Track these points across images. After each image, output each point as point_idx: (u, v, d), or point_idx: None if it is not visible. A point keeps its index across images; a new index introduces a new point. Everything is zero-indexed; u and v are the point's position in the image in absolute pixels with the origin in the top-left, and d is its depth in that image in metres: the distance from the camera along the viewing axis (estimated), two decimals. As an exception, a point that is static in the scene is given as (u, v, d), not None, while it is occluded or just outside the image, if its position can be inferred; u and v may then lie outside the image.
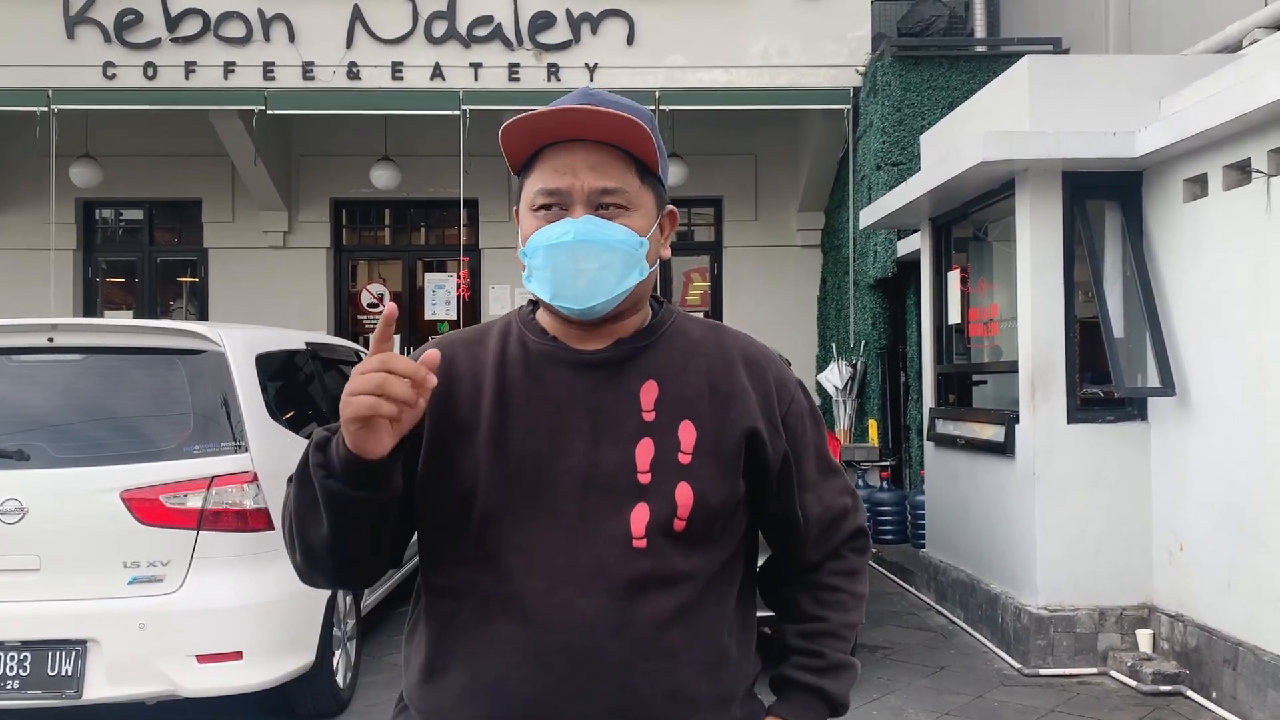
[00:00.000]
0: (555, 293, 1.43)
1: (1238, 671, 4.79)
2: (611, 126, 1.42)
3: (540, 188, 1.45)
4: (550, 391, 1.45)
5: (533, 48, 9.84)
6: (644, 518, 1.40)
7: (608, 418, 1.44)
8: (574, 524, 1.40)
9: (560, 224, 1.43)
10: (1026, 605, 5.69)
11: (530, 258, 1.46)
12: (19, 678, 3.95)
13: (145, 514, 4.04)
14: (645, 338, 1.50)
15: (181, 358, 4.39)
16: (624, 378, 1.46)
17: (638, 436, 1.43)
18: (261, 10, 9.73)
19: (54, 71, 9.58)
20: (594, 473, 1.41)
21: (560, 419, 1.44)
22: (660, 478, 1.42)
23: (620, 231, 1.43)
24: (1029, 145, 5.51)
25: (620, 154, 1.44)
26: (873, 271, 9.24)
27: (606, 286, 1.42)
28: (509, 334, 1.53)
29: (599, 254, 1.41)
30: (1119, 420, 5.67)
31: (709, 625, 1.45)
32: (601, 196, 1.43)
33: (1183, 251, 5.37)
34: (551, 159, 1.44)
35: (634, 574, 1.39)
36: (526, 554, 1.39)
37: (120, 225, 11.99)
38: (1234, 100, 4.63)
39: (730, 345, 1.54)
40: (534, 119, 1.41)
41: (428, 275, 11.68)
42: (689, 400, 1.46)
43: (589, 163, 1.43)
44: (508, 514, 1.41)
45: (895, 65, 8.95)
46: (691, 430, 1.45)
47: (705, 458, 1.44)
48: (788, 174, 11.26)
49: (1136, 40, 8.52)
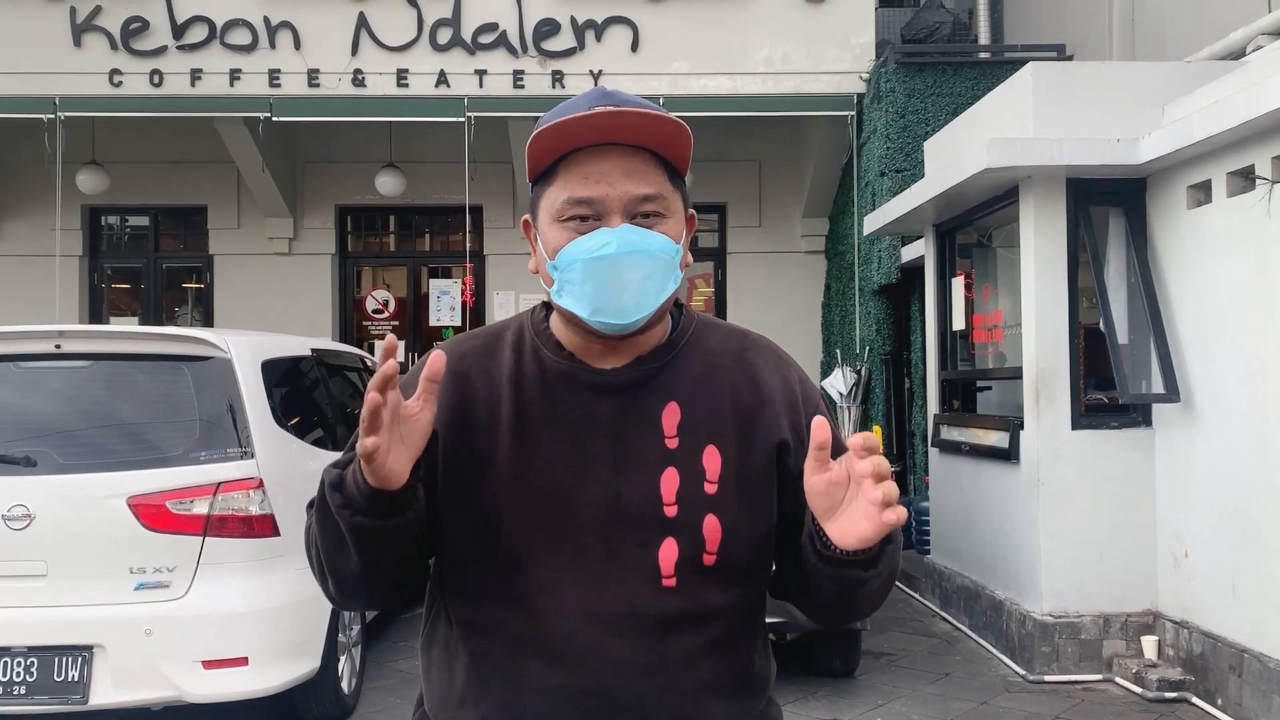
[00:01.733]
0: (596, 308, 1.34)
1: (1243, 678, 4.78)
2: (649, 129, 1.35)
3: (569, 196, 1.35)
4: (570, 415, 1.39)
5: (537, 55, 9.86)
6: (672, 555, 1.35)
7: (630, 445, 1.37)
8: (601, 560, 1.35)
9: (597, 234, 1.33)
10: (1031, 612, 5.68)
11: (564, 271, 1.35)
12: (25, 683, 3.96)
13: (151, 520, 4.05)
14: (665, 354, 1.43)
15: (187, 364, 4.40)
16: (645, 400, 1.40)
17: (662, 465, 1.37)
18: (267, 18, 9.77)
19: (60, 79, 9.62)
20: (618, 505, 1.36)
21: (582, 447, 1.37)
22: (687, 511, 1.36)
23: (660, 239, 1.35)
24: (1033, 152, 5.52)
25: (652, 158, 1.37)
26: (877, 277, 9.24)
27: (649, 298, 1.34)
28: (522, 346, 1.45)
29: (642, 264, 1.33)
30: (1123, 426, 5.67)
31: (741, 654, 1.42)
32: (640, 205, 1.35)
33: (1186, 258, 5.37)
34: (580, 165, 1.35)
35: (665, 613, 1.35)
36: (555, 594, 1.35)
37: (126, 231, 12.02)
38: (1238, 107, 4.63)
39: (751, 352, 1.48)
40: (567, 123, 1.32)
41: (432, 281, 11.69)
42: (712, 423, 1.40)
43: (623, 169, 1.35)
44: (533, 550, 1.36)
45: (899, 72, 8.97)
46: (716, 456, 1.39)
47: (732, 485, 1.38)
48: (792, 180, 11.27)
49: (1140, 47, 8.53)
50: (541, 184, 1.40)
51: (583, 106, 1.36)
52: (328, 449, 5.01)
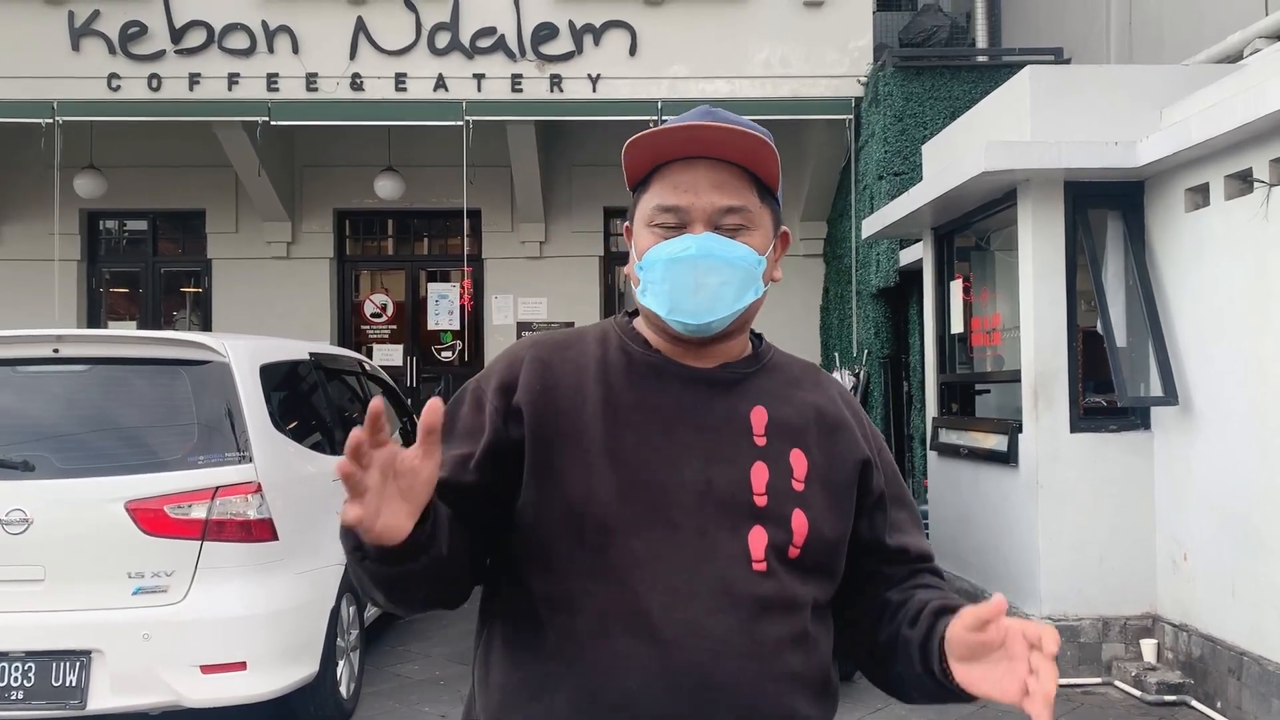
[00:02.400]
0: (673, 307, 1.41)
1: (1242, 681, 4.78)
2: (737, 144, 1.40)
3: (659, 203, 1.42)
4: (660, 403, 1.43)
5: (535, 59, 9.87)
6: (762, 540, 1.38)
7: (720, 437, 1.41)
8: (694, 540, 1.36)
9: (681, 239, 1.40)
10: (1030, 615, 5.68)
11: (647, 271, 1.43)
12: (23, 688, 3.95)
13: (149, 524, 4.05)
14: (751, 364, 1.50)
15: (186, 368, 4.40)
16: (733, 399, 1.45)
17: (751, 459, 1.41)
18: (265, 22, 9.77)
19: (59, 83, 9.62)
20: (710, 490, 1.38)
21: (672, 433, 1.41)
22: (776, 502, 1.40)
23: (740, 249, 1.41)
24: (1030, 155, 5.52)
25: (741, 172, 1.43)
26: (875, 281, 9.25)
27: (725, 303, 1.41)
28: (608, 341, 1.50)
29: (720, 270, 1.40)
30: (1122, 429, 5.67)
31: (821, 653, 1.44)
32: (724, 216, 1.41)
33: (1185, 261, 5.38)
34: (672, 176, 1.42)
35: (759, 595, 1.36)
36: (649, 568, 1.35)
37: (124, 236, 12.02)
38: (1235, 110, 4.63)
39: (827, 383, 1.56)
40: (659, 135, 1.40)
41: (430, 285, 11.69)
42: (798, 429, 1.45)
43: (711, 180, 1.41)
44: (626, 526, 1.36)
45: (897, 75, 8.98)
46: (803, 459, 1.43)
47: (817, 487, 1.43)
48: (790, 183, 11.23)
49: (1137, 50, 8.54)
50: (639, 191, 1.48)
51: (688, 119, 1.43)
52: (326, 453, 5.01)
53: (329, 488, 4.59)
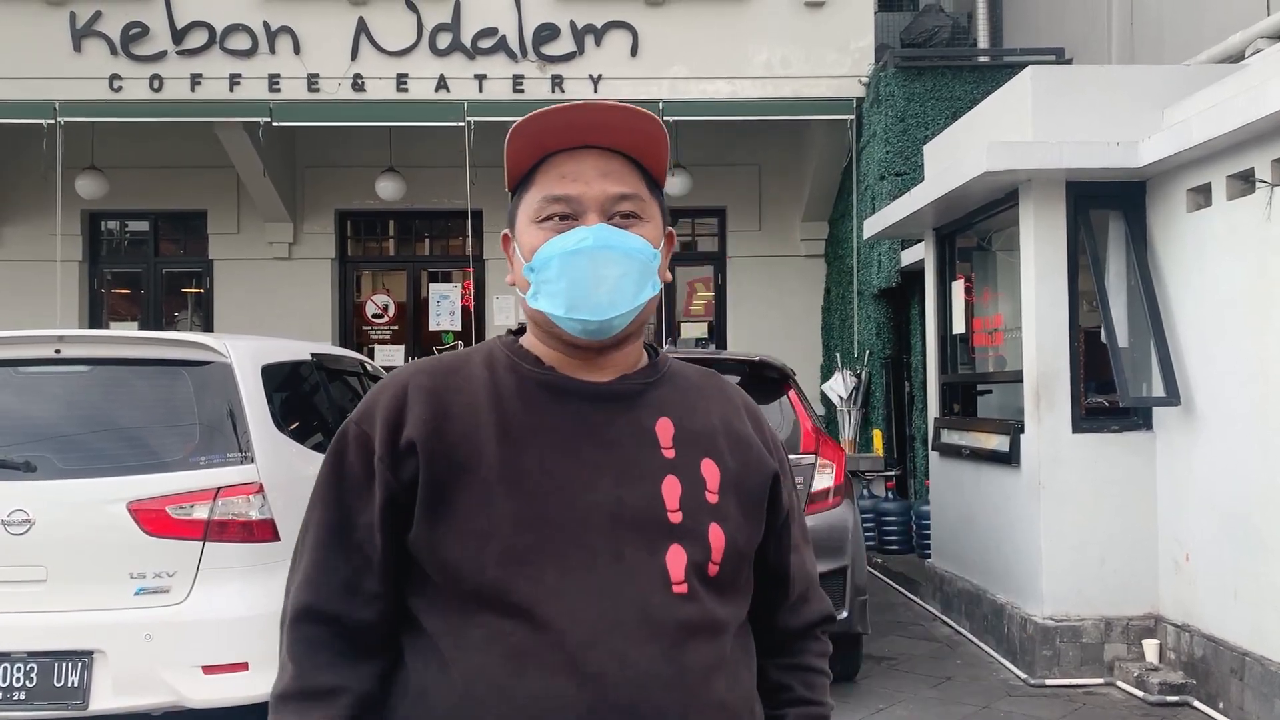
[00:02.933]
0: (572, 304, 1.31)
1: (1244, 681, 4.78)
2: (627, 126, 1.34)
3: (546, 194, 1.34)
4: (560, 423, 1.33)
5: (537, 59, 9.88)
6: (680, 560, 1.29)
7: (627, 452, 1.33)
8: (610, 565, 1.27)
9: (575, 231, 1.32)
10: (1032, 615, 5.68)
11: (540, 270, 1.33)
12: (25, 689, 3.95)
13: (151, 525, 4.04)
14: (650, 375, 1.41)
15: (187, 369, 4.39)
16: (637, 412, 1.36)
17: (662, 473, 1.32)
18: (267, 23, 9.78)
19: (60, 84, 9.63)
20: (622, 509, 1.29)
21: (577, 453, 1.31)
22: (691, 517, 1.31)
23: (637, 239, 1.34)
24: (1032, 155, 5.52)
25: (629, 162, 1.37)
26: (877, 281, 9.25)
27: (626, 296, 1.32)
28: (495, 362, 1.39)
29: (619, 261, 1.32)
30: (1124, 430, 5.66)
31: (745, 677, 1.37)
32: (617, 204, 1.34)
33: (1186, 261, 5.38)
34: (557, 167, 1.35)
35: (681, 619, 1.28)
36: (563, 600, 1.25)
37: (126, 237, 12.03)
38: (1237, 110, 4.63)
39: (732, 393, 1.48)
40: (542, 118, 1.32)
41: (432, 286, 11.70)
42: (707, 438, 1.38)
43: (599, 169, 1.35)
44: (534, 556, 1.27)
45: (898, 75, 8.98)
46: (715, 469, 1.36)
47: (731, 497, 1.36)
48: (791, 184, 11.28)
49: (1139, 50, 8.54)
50: (520, 191, 1.40)
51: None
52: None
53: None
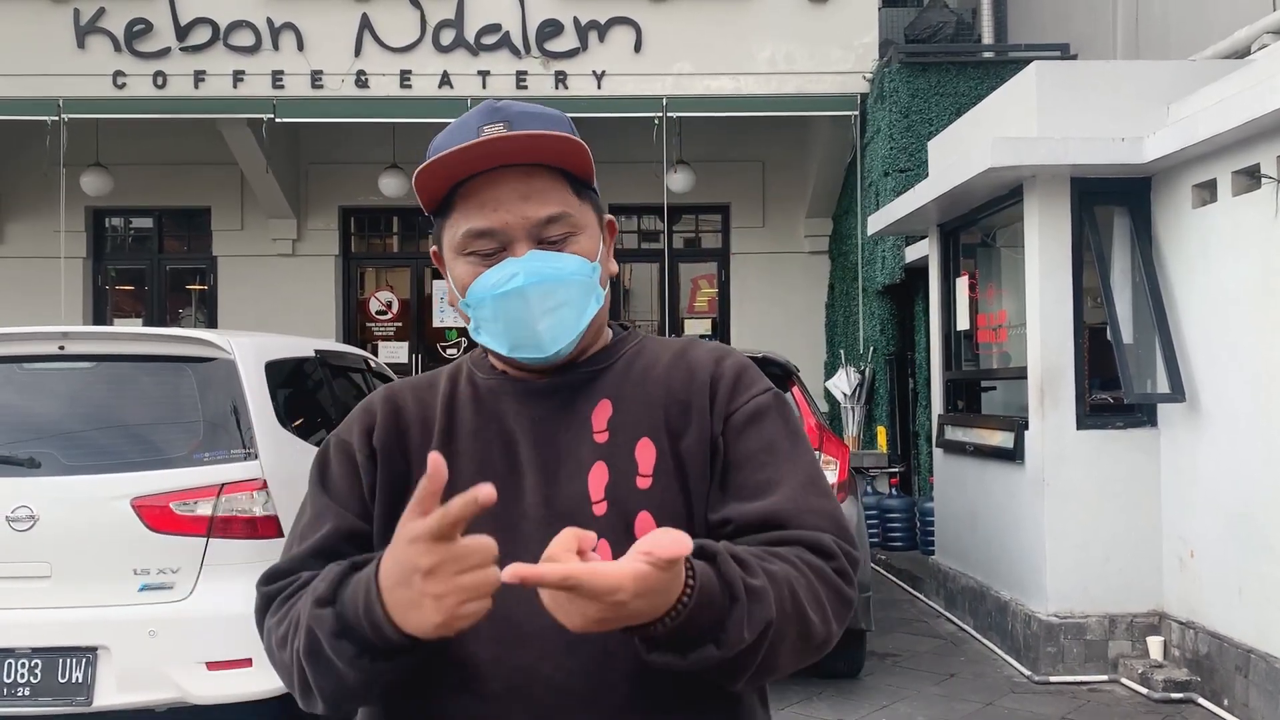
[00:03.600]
0: (514, 344, 1.27)
1: (1249, 679, 4.77)
2: (539, 147, 1.25)
3: (468, 229, 1.26)
4: (499, 427, 1.30)
5: (540, 55, 9.87)
6: (605, 557, 1.15)
7: (560, 448, 1.27)
8: None
9: (503, 266, 1.25)
10: (1036, 612, 5.67)
11: (476, 309, 1.28)
12: (29, 685, 3.95)
13: (155, 521, 4.04)
14: (601, 360, 1.34)
15: (191, 365, 4.39)
16: (576, 402, 1.31)
17: (590, 462, 1.26)
18: (270, 19, 9.78)
19: (64, 81, 9.64)
20: (548, 512, 1.24)
21: (511, 455, 1.28)
22: (616, 508, 1.24)
23: (572, 262, 1.27)
24: (1037, 151, 5.51)
25: (552, 173, 1.28)
26: (881, 278, 9.24)
27: (568, 326, 1.27)
28: (458, 375, 1.38)
29: (554, 291, 1.25)
30: (1128, 426, 5.65)
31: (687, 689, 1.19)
32: (545, 228, 1.26)
33: (1192, 257, 5.36)
34: (475, 194, 1.26)
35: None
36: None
37: (130, 233, 12.05)
38: (1243, 105, 4.62)
39: (696, 359, 1.34)
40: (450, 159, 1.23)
41: (435, 282, 11.70)
42: (644, 415, 1.29)
43: (520, 192, 1.25)
44: None
45: (903, 71, 8.96)
46: (650, 449, 1.27)
47: (668, 478, 1.26)
48: (795, 180, 11.27)
49: (1144, 46, 8.51)
50: (441, 216, 1.31)
51: (471, 127, 1.28)
52: (331, 450, 5.00)
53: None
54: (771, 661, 1.15)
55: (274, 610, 1.27)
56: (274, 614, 1.27)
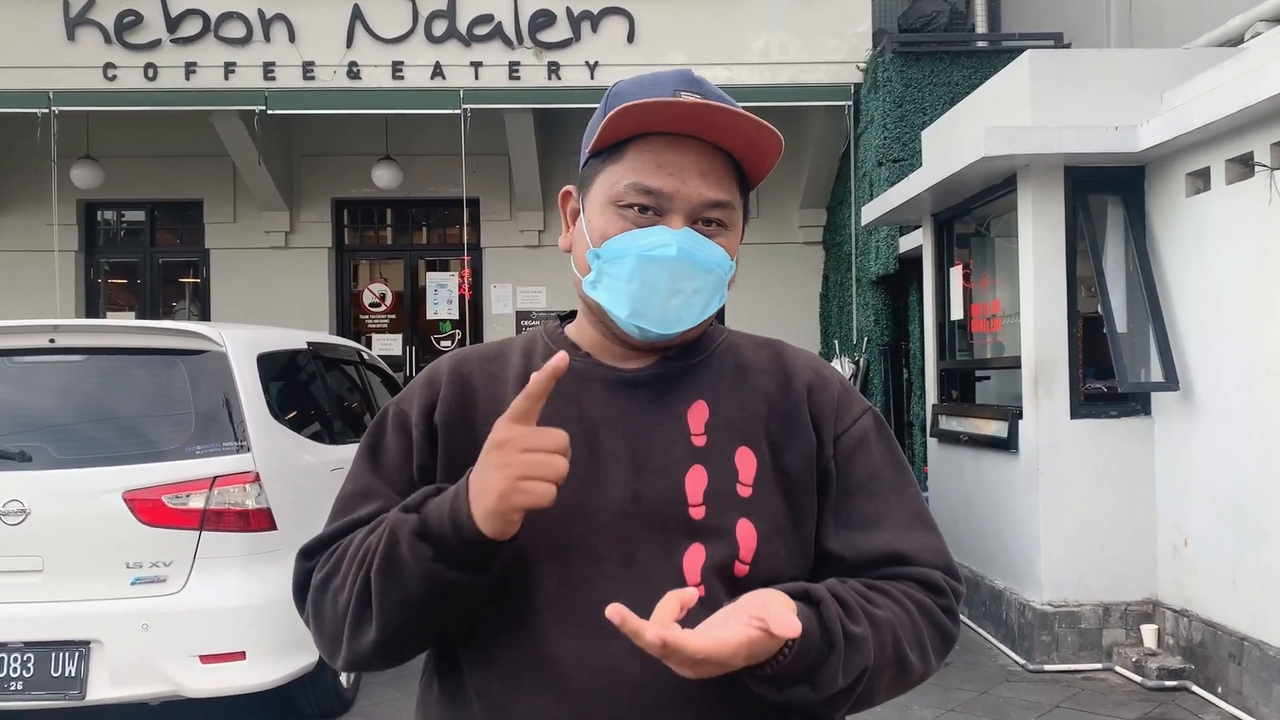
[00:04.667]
0: (636, 310, 1.22)
1: (1243, 666, 4.78)
2: (740, 133, 1.22)
3: (634, 182, 1.22)
4: (583, 413, 1.24)
5: (533, 46, 9.83)
6: (699, 559, 1.18)
7: (651, 443, 1.23)
8: (616, 571, 1.17)
9: (656, 232, 1.21)
10: (1031, 601, 5.68)
11: (611, 264, 1.22)
12: (23, 679, 3.95)
13: (147, 514, 4.04)
14: (693, 354, 1.30)
15: (183, 358, 4.39)
16: (669, 398, 1.26)
17: (686, 464, 1.22)
18: (261, 10, 9.73)
19: (55, 73, 9.59)
20: (637, 508, 1.20)
21: (595, 446, 1.22)
22: (716, 512, 1.20)
23: (719, 253, 1.24)
24: (1030, 140, 5.50)
25: (728, 161, 1.25)
26: (875, 268, 9.23)
27: (694, 312, 1.24)
28: (534, 350, 1.32)
29: (697, 276, 1.22)
30: (1122, 415, 5.65)
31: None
32: (708, 210, 1.23)
33: (1185, 246, 5.36)
34: (655, 152, 1.22)
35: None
36: (561, 609, 1.17)
37: (122, 226, 12.00)
38: (1236, 94, 4.61)
39: (791, 365, 1.32)
40: (651, 108, 1.19)
41: (429, 275, 11.68)
42: (745, 423, 1.25)
43: (700, 168, 1.22)
44: (538, 560, 1.18)
45: (896, 61, 8.94)
46: (750, 458, 1.24)
47: (770, 490, 1.23)
48: (789, 170, 11.25)
49: (1138, 34, 8.50)
50: (603, 159, 1.26)
51: (668, 86, 1.25)
52: (324, 443, 5.00)
53: (327, 477, 4.58)
54: (866, 699, 1.17)
55: (320, 567, 1.24)
56: (320, 569, 1.24)
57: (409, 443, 1.28)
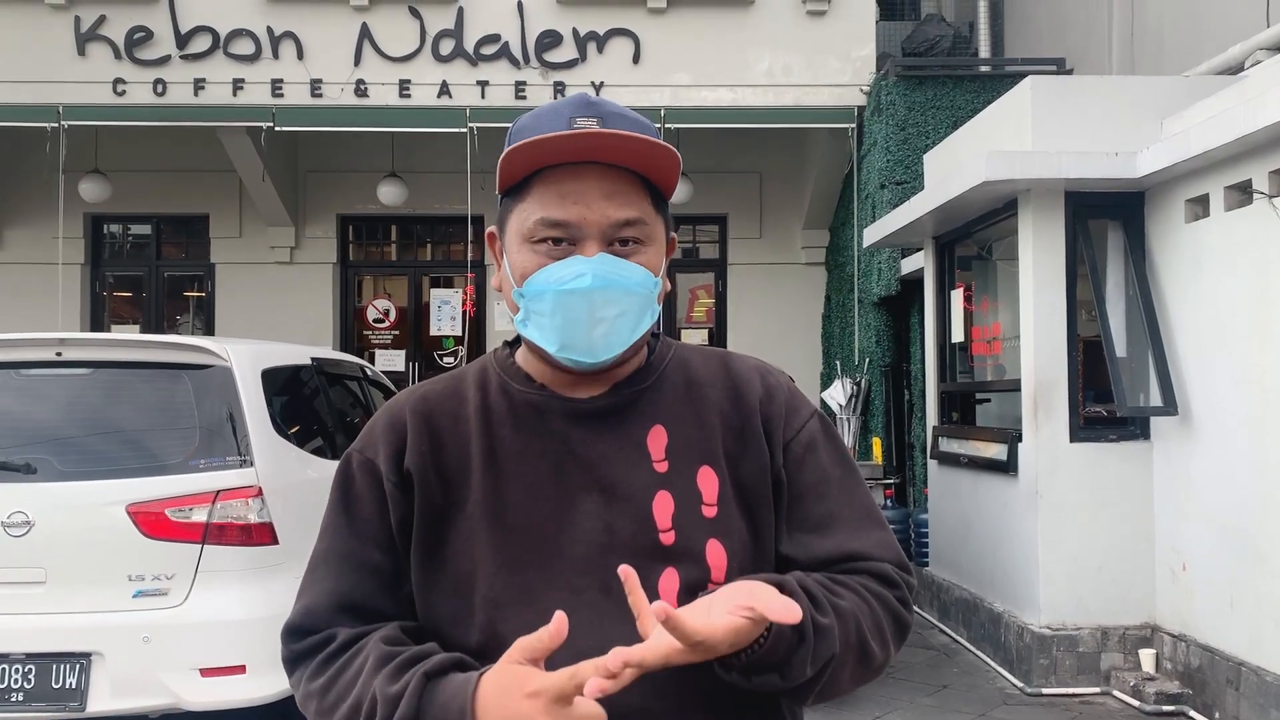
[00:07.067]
0: (564, 344, 1.23)
1: (1240, 692, 4.78)
2: (637, 151, 1.22)
3: (542, 217, 1.23)
4: (546, 446, 1.26)
5: (539, 66, 9.90)
6: (674, 584, 1.21)
7: (615, 471, 1.25)
8: (598, 601, 1.19)
9: (570, 263, 1.22)
10: (1029, 624, 5.68)
11: (533, 301, 1.24)
12: (23, 690, 3.96)
13: (150, 527, 4.06)
14: (645, 378, 1.31)
15: (188, 372, 4.41)
16: (627, 426, 1.27)
17: (652, 490, 1.24)
18: (270, 28, 9.81)
19: (64, 88, 9.66)
20: (610, 539, 1.22)
21: (562, 479, 1.24)
22: (685, 536, 1.23)
23: (638, 272, 1.24)
24: (1031, 165, 5.54)
25: (635, 178, 1.25)
26: (876, 289, 9.26)
27: (622, 336, 1.24)
28: (488, 383, 1.32)
29: (618, 300, 1.22)
30: (1121, 439, 5.67)
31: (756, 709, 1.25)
32: (620, 230, 1.23)
33: (1184, 271, 5.39)
34: (556, 183, 1.23)
35: None
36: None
37: (128, 240, 12.05)
38: (1236, 121, 4.65)
39: (737, 375, 1.34)
40: (541, 144, 1.20)
41: (433, 291, 11.72)
42: (703, 441, 1.28)
43: (603, 190, 1.22)
44: (516, 596, 1.20)
45: (899, 84, 9.00)
46: (712, 476, 1.26)
47: (733, 506, 1.26)
48: (792, 192, 11.30)
49: (1139, 61, 8.56)
50: (512, 198, 1.28)
51: (564, 116, 1.25)
52: (327, 458, 5.02)
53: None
54: (831, 687, 1.21)
55: (314, 673, 1.26)
56: (314, 678, 1.26)
57: (383, 496, 1.28)
